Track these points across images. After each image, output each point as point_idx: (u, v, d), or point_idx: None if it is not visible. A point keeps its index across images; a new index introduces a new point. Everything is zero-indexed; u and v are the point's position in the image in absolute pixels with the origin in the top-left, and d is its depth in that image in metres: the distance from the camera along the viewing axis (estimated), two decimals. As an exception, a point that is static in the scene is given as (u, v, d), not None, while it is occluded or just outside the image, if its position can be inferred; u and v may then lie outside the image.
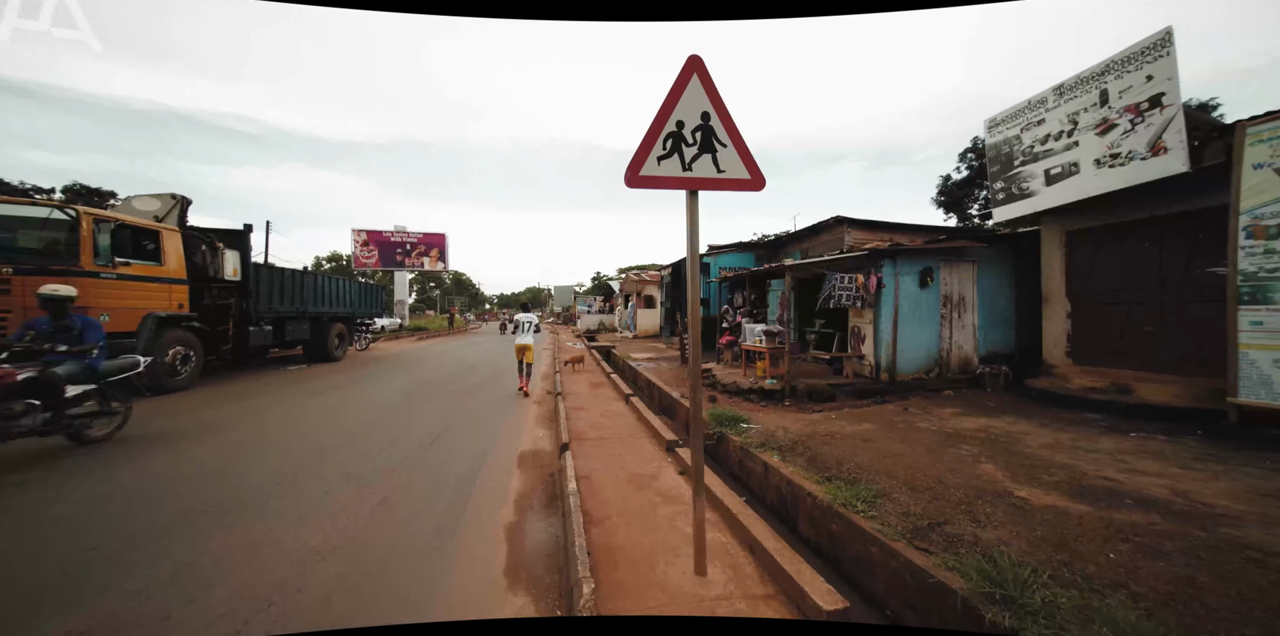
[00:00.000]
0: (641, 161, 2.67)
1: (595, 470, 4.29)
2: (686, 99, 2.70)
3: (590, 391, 8.53)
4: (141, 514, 3.22)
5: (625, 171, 2.67)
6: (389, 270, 31.33)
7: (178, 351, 7.54)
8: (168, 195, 8.17)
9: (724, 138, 2.75)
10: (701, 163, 2.73)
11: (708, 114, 2.72)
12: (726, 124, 2.75)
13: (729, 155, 2.76)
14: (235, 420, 5.85)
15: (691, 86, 2.69)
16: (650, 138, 2.68)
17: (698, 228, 2.73)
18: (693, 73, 2.68)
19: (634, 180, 2.68)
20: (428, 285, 64.14)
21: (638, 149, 2.67)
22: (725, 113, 2.74)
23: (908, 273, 7.70)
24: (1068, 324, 6.85)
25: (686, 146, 2.71)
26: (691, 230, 2.71)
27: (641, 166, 2.67)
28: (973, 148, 21.67)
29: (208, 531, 2.98)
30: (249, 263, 9.20)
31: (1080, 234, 6.75)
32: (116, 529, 3.00)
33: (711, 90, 2.72)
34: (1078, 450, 4.02)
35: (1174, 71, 5.18)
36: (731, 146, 2.76)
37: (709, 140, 2.74)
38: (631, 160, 2.67)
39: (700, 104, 2.71)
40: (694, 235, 2.71)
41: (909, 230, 13.43)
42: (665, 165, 2.69)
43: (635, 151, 2.67)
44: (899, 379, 7.48)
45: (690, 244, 2.72)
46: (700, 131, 2.73)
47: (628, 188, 2.70)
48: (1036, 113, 6.80)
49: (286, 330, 10.64)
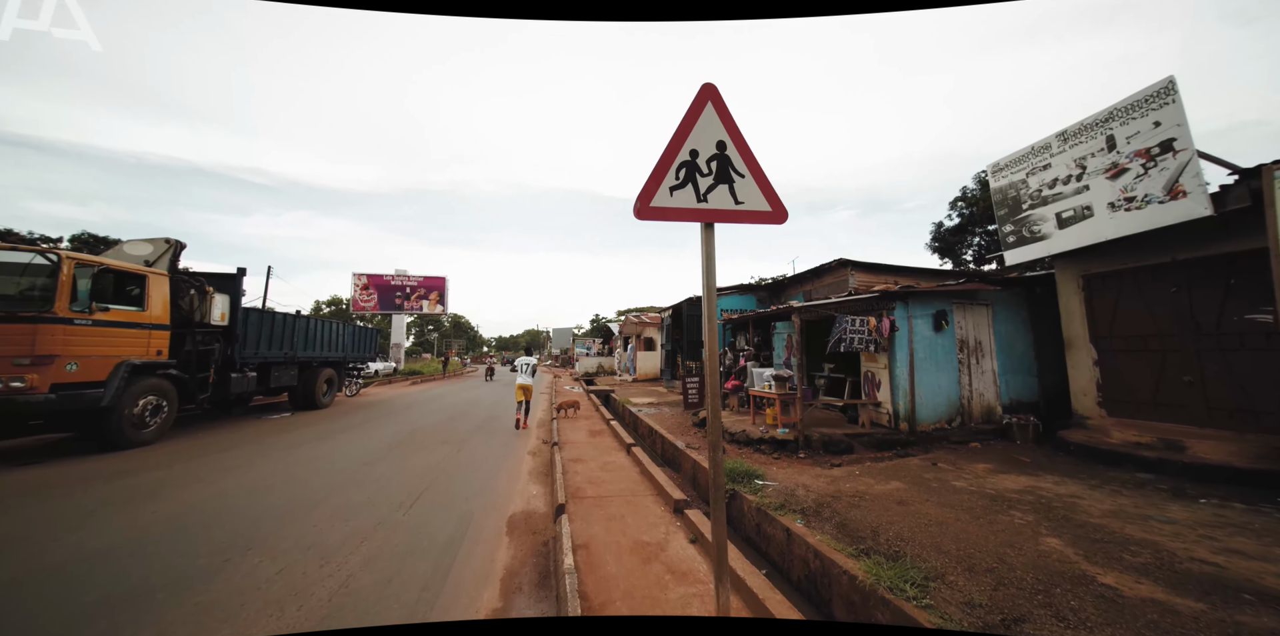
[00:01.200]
0: (652, 192, 2.43)
1: (595, 537, 3.76)
2: (701, 127, 2.51)
3: (589, 440, 7.98)
4: (44, 609, 2.64)
5: (635, 202, 2.43)
6: (387, 313, 31.12)
7: (149, 401, 7.01)
8: (161, 239, 8.00)
9: (741, 167, 2.53)
10: (718, 194, 2.50)
11: (723, 143, 2.52)
12: (744, 153, 2.54)
13: (747, 186, 2.53)
14: (197, 478, 5.29)
15: (706, 115, 2.51)
16: (662, 167, 2.46)
17: (714, 263, 2.44)
18: (707, 101, 2.51)
19: (644, 211, 2.43)
20: (426, 328, 63.90)
21: (648, 179, 2.45)
22: (742, 141, 2.55)
23: (921, 315, 7.41)
24: (1095, 371, 6.47)
25: (701, 176, 2.49)
26: (708, 266, 2.42)
27: (652, 197, 2.43)
28: (962, 196, 22.30)
29: (119, 629, 2.45)
30: (239, 307, 8.86)
31: (1098, 278, 6.53)
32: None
33: (727, 118, 2.53)
34: (1149, 521, 3.51)
35: (1182, 118, 5.16)
36: (750, 177, 2.54)
37: (725, 170, 2.52)
38: (641, 190, 2.43)
39: (715, 132, 2.52)
40: (710, 271, 2.42)
41: (913, 273, 13.35)
42: (678, 196, 2.46)
43: (645, 181, 2.45)
44: (920, 429, 6.99)
45: (706, 280, 2.42)
46: (716, 161, 2.52)
47: (637, 219, 2.44)
48: (1041, 157, 6.80)
49: (272, 376, 10.14)
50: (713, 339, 2.40)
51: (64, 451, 6.56)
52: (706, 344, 2.41)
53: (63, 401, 5.93)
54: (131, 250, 7.95)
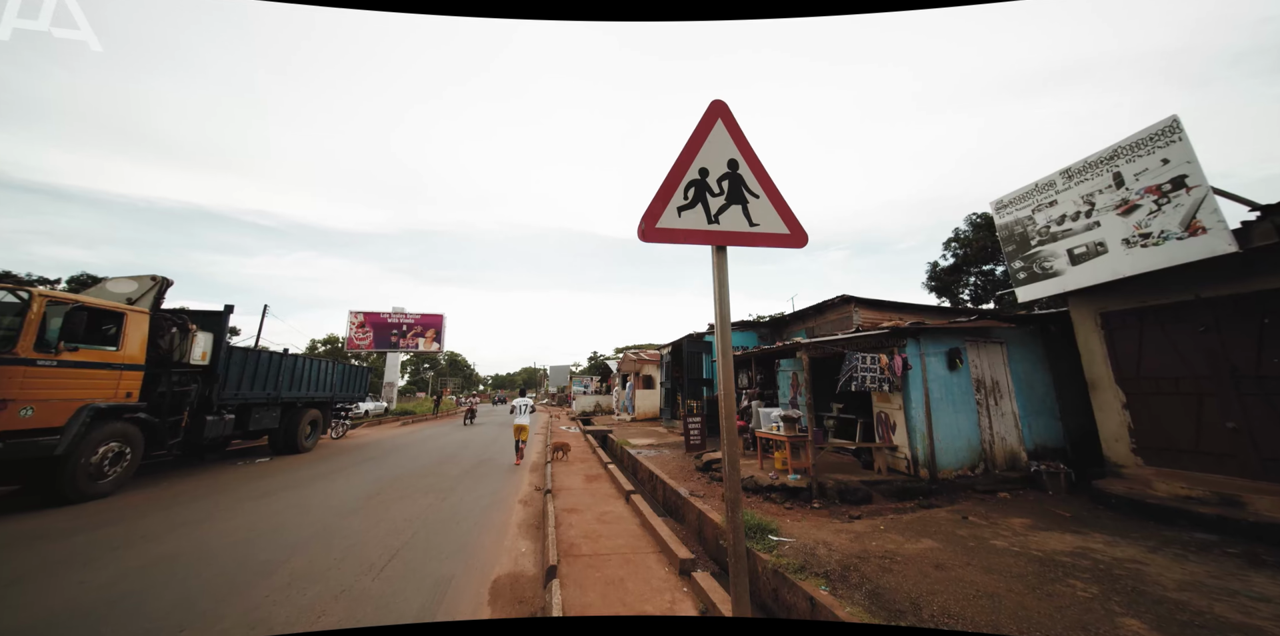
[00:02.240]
0: (658, 212, 2.20)
1: (589, 607, 3.26)
2: (711, 145, 2.31)
3: (585, 486, 7.42)
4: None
5: (639, 223, 2.19)
6: (383, 352, 30.53)
7: (110, 449, 6.44)
8: (147, 277, 7.73)
9: (755, 187, 2.32)
10: (730, 215, 2.27)
11: (735, 161, 2.32)
12: (758, 172, 2.34)
13: (762, 207, 2.31)
14: (147, 537, 4.69)
15: (716, 132, 2.33)
16: (669, 185, 2.24)
17: (727, 289, 2.17)
18: (716, 118, 2.33)
19: (650, 233, 2.18)
20: (422, 366, 62.95)
21: (654, 198, 2.22)
22: (755, 160, 2.35)
23: (934, 353, 7.09)
24: (1125, 415, 6.07)
25: (712, 196, 2.27)
26: (720, 293, 2.15)
27: (658, 218, 2.20)
28: (955, 237, 22.67)
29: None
30: (222, 345, 8.47)
31: (1117, 315, 6.28)
32: None
33: (739, 136, 2.35)
34: (1236, 597, 3.01)
35: (1191, 155, 5.10)
36: (765, 197, 2.32)
37: (738, 190, 2.30)
38: (646, 211, 2.20)
39: (726, 150, 2.32)
40: (724, 298, 2.15)
41: (917, 310, 13.15)
42: (687, 217, 2.22)
43: (651, 201, 2.22)
44: (941, 476, 6.48)
45: (719, 308, 2.14)
46: (727, 180, 2.30)
47: (642, 241, 2.20)
48: (1046, 194, 6.75)
49: (252, 418, 9.55)
50: (728, 373, 2.09)
51: (3, 507, 5.73)
52: (721, 379, 2.09)
53: (10, 450, 5.38)
54: (115, 288, 7.67)
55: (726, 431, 2.03)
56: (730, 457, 1.99)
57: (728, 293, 2.17)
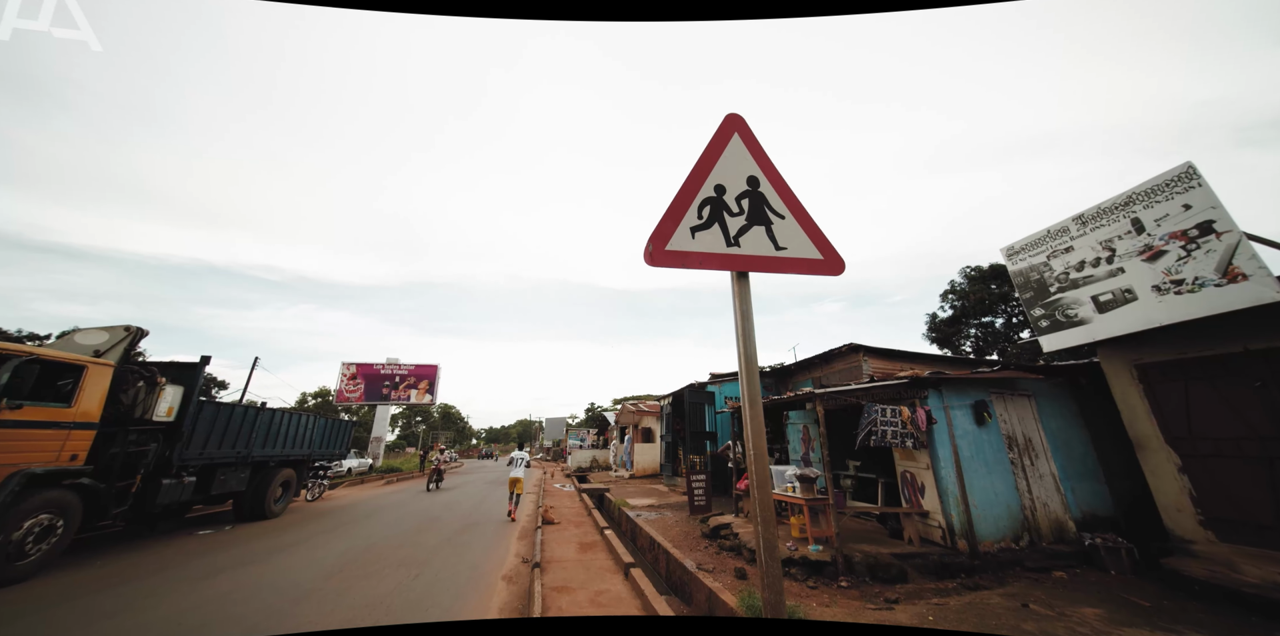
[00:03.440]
0: (668, 232, 1.86)
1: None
2: (727, 160, 2.02)
3: (579, 557, 6.57)
4: None
5: (646, 244, 1.85)
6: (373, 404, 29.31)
7: (39, 521, 5.54)
8: (120, 327, 7.24)
9: (780, 207, 2.00)
10: (752, 237, 1.93)
11: (755, 178, 2.02)
12: (782, 190, 2.03)
13: (789, 228, 1.97)
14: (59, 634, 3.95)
15: (732, 147, 2.05)
16: (680, 203, 1.92)
17: (752, 323, 1.79)
18: (732, 132, 2.06)
19: (658, 256, 1.83)
20: (414, 419, 60.85)
21: (664, 216, 1.90)
22: (778, 177, 2.05)
23: (959, 406, 6.56)
24: (1184, 481, 5.43)
25: (730, 216, 1.95)
26: (745, 327, 1.76)
27: (668, 239, 1.86)
28: (951, 290, 22.75)
29: None
30: (192, 399, 7.77)
31: (1155, 368, 5.84)
32: None
33: (758, 151, 2.06)
34: None
35: (1215, 200, 4.94)
36: (791, 217, 1.99)
37: (760, 209, 1.98)
38: (655, 230, 1.86)
39: (744, 166, 2.03)
40: (748, 334, 1.75)
41: (929, 360, 12.67)
42: (702, 238, 1.88)
43: (660, 220, 1.89)
44: (982, 548, 5.71)
45: (744, 346, 1.74)
46: (748, 198, 1.99)
47: (649, 265, 1.84)
48: (1060, 240, 6.56)
49: (216, 480, 8.51)
50: (758, 424, 1.64)
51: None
52: (749, 429, 1.64)
53: None
54: (83, 339, 7.13)
55: (759, 502, 1.55)
56: (765, 546, 1.50)
57: (753, 326, 1.78)
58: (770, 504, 1.57)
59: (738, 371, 1.74)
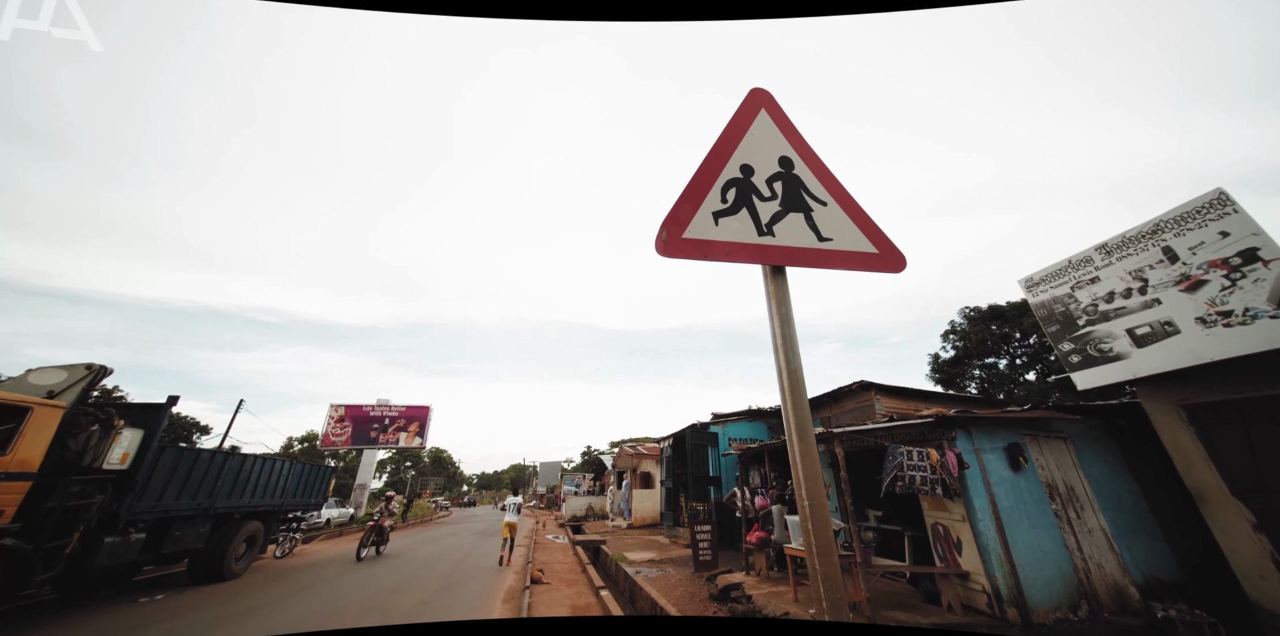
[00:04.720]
0: (686, 218, 1.51)
1: None
2: (753, 138, 1.70)
3: (569, 625, 5.74)
4: None
5: (659, 232, 1.48)
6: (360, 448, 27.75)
7: None
8: (80, 365, 6.68)
9: (821, 192, 1.66)
10: (789, 225, 1.57)
11: (789, 159, 1.69)
12: (820, 173, 1.70)
13: (833, 216, 1.62)
14: None
15: (760, 124, 1.73)
16: (699, 185, 1.57)
17: (793, 329, 1.40)
18: (759, 108, 1.75)
19: (674, 246, 1.46)
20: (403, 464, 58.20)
21: (679, 199, 1.55)
22: (815, 158, 1.72)
23: (990, 449, 5.99)
24: (1262, 542, 4.76)
25: (761, 200, 1.60)
26: (785, 334, 1.37)
27: (686, 226, 1.49)
28: (952, 330, 22.45)
29: None
30: (151, 445, 7.06)
31: (1207, 409, 5.32)
32: None
33: (789, 130, 1.75)
34: None
35: (1256, 226, 4.69)
36: (836, 204, 1.65)
37: (796, 194, 1.64)
38: (669, 216, 1.51)
39: (775, 145, 1.71)
40: (790, 342, 1.36)
41: (945, 400, 12.04)
42: (726, 225, 1.52)
43: (675, 203, 1.54)
44: (1035, 619, 4.96)
45: (784, 356, 1.34)
46: (780, 181, 1.65)
47: (662, 256, 1.46)
48: (1084, 270, 6.25)
49: (170, 536, 7.62)
50: (809, 454, 1.20)
51: None
52: (798, 469, 1.20)
53: None
54: (37, 379, 6.55)
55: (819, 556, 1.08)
56: None
57: (794, 333, 1.39)
58: (839, 583, 1.10)
59: (779, 390, 1.32)
